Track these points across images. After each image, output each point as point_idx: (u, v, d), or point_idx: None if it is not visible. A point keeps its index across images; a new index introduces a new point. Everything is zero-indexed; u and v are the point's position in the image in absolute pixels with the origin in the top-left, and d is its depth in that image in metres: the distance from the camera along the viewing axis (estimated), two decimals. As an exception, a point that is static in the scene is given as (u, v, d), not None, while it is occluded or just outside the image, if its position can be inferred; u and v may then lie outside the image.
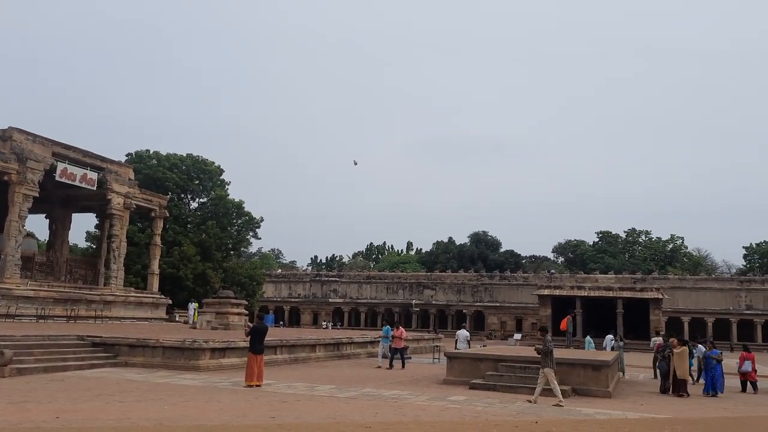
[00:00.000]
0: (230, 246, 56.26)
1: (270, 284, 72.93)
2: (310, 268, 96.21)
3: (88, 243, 53.67)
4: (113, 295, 34.34)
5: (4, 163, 28.74)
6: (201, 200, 58.24)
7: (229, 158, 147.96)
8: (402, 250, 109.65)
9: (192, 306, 38.61)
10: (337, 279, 75.21)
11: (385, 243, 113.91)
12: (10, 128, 29.76)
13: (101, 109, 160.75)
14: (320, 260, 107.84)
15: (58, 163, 30.92)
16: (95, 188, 33.40)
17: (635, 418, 12.22)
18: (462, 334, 26.56)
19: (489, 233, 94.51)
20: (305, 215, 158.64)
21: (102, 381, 14.63)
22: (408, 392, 14.63)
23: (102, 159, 34.55)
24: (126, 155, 54.40)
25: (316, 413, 11.03)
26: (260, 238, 64.84)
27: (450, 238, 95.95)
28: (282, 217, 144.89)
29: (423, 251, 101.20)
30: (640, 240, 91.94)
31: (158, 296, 38.17)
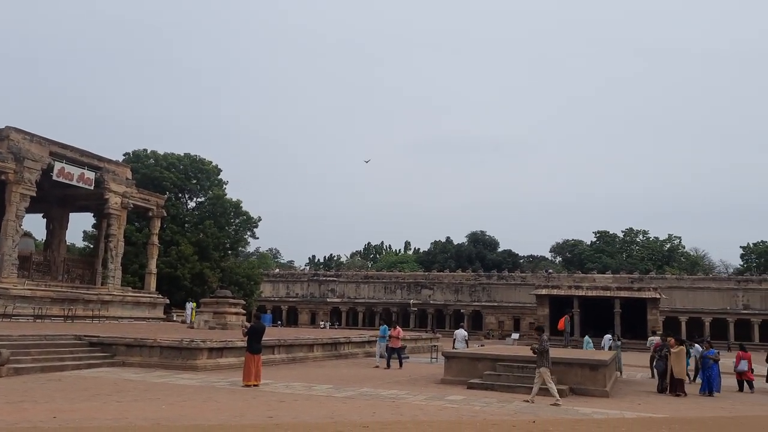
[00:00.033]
0: (228, 245, 56.22)
1: (268, 284, 72.91)
2: (308, 268, 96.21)
3: (86, 242, 53.68)
4: (111, 295, 34.30)
5: (2, 163, 28.70)
6: (198, 200, 58.22)
7: (229, 158, 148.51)
8: (400, 250, 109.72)
9: (189, 306, 38.58)
10: (335, 279, 75.20)
11: (383, 243, 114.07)
12: (7, 127, 29.70)
13: (101, 109, 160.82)
14: (318, 260, 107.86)
15: (56, 163, 30.89)
16: (92, 188, 33.39)
17: (633, 418, 12.24)
18: (460, 334, 26.58)
19: (487, 233, 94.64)
20: (303, 215, 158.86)
21: (99, 381, 14.61)
22: (406, 392, 14.63)
23: (99, 158, 34.50)
24: (123, 155, 54.40)
25: (314, 413, 11.03)
26: (258, 238, 64.84)
27: (448, 238, 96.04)
28: (280, 217, 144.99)
29: (421, 251, 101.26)
30: (638, 240, 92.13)
31: (156, 296, 38.13)
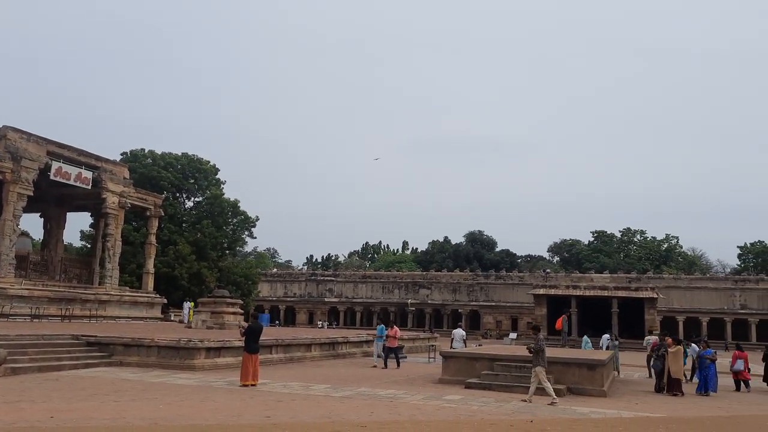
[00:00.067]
0: (225, 245, 56.19)
1: (265, 283, 72.93)
2: (306, 268, 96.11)
3: (83, 242, 53.62)
4: (108, 295, 34.26)
5: (-1, 162, 28.66)
6: (196, 199, 58.15)
7: (229, 158, 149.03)
8: (398, 250, 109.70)
9: (187, 305, 38.54)
10: (333, 278, 75.20)
11: (381, 242, 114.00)
12: (5, 127, 29.61)
13: (101, 109, 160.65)
14: (316, 259, 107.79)
15: (53, 162, 30.83)
16: (90, 187, 33.34)
17: (630, 417, 12.25)
18: (458, 333, 26.54)
19: (485, 233, 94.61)
20: (301, 215, 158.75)
21: (97, 380, 14.59)
22: (403, 391, 14.63)
23: (97, 158, 34.44)
24: (121, 154, 54.27)
25: (312, 412, 11.03)
26: (255, 238, 64.91)
27: (446, 238, 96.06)
28: (278, 217, 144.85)
29: (419, 250, 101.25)
30: (635, 239, 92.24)
31: (153, 295, 38.08)
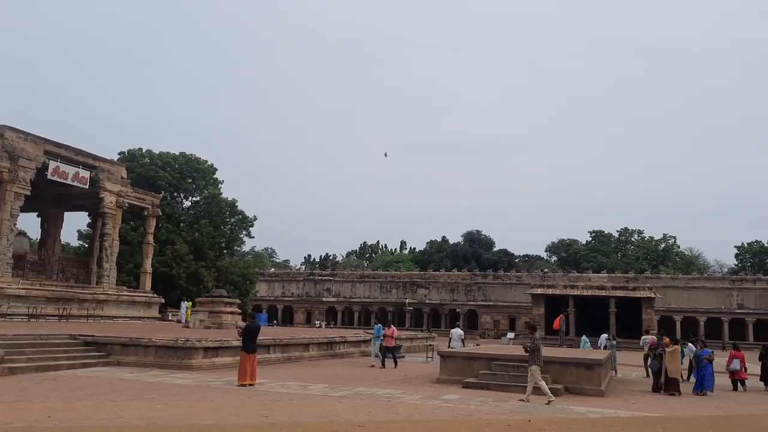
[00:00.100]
0: (223, 245, 56.15)
1: (263, 283, 72.88)
2: (304, 267, 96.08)
3: (80, 242, 53.49)
4: (105, 294, 34.21)
5: (-4, 162, 28.60)
6: (194, 199, 58.09)
7: (228, 158, 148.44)
8: (396, 249, 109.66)
9: (184, 305, 38.49)
10: (331, 278, 75.20)
11: (379, 242, 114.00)
12: (2, 126, 29.51)
13: (101, 110, 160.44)
14: (314, 259, 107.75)
15: (50, 162, 30.77)
16: (87, 187, 33.28)
17: (627, 417, 12.27)
18: (456, 333, 26.53)
19: (482, 232, 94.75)
20: (299, 215, 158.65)
21: (94, 380, 14.58)
22: (401, 391, 14.63)
23: (94, 157, 34.38)
24: (118, 154, 54.22)
25: (310, 412, 11.03)
26: (253, 237, 64.95)
27: (444, 237, 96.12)
28: (277, 217, 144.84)
29: (416, 250, 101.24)
30: (633, 239, 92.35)
31: (151, 295, 38.05)
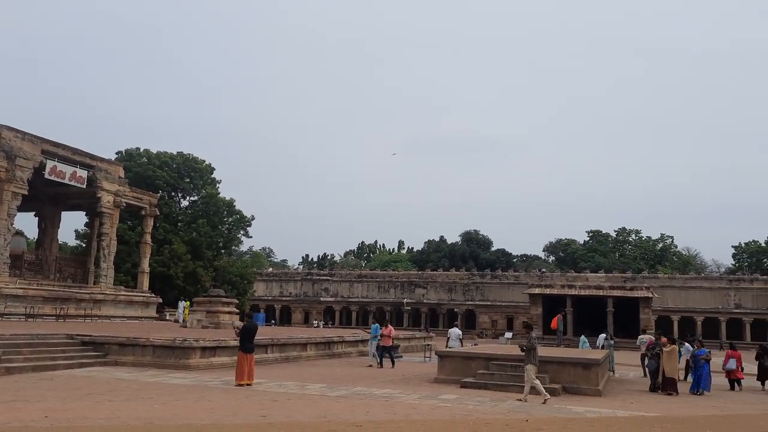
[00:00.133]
0: (221, 244, 56.10)
1: (261, 283, 72.81)
2: (302, 267, 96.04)
3: (78, 241, 53.38)
4: (103, 294, 34.16)
5: (-7, 161, 28.54)
6: (191, 198, 58.05)
7: (228, 158, 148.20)
8: (393, 249, 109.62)
9: (182, 304, 38.46)
10: (329, 278, 75.17)
11: (377, 242, 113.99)
12: (-1, 126, 29.54)
13: (101, 110, 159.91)
14: (311, 259, 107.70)
15: (48, 161, 30.72)
16: (85, 186, 33.23)
17: (625, 417, 12.28)
18: (454, 332, 26.55)
19: (480, 232, 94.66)
20: (297, 214, 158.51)
21: (91, 380, 14.55)
22: (399, 391, 14.63)
23: (92, 157, 34.33)
24: (116, 153, 54.15)
25: (307, 412, 11.02)
26: (251, 237, 64.76)
27: (441, 237, 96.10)
28: (276, 217, 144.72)
29: (414, 250, 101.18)
30: (630, 239, 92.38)
31: (148, 295, 38.00)
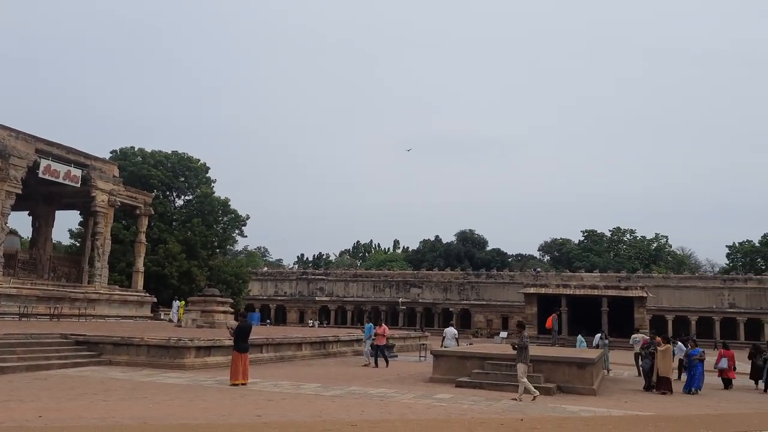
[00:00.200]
0: (216, 244, 55.97)
1: (256, 282, 72.75)
2: (297, 267, 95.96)
3: (72, 240, 53.21)
4: (97, 293, 34.05)
5: (-13, 160, 28.41)
6: (186, 198, 57.86)
7: (227, 157, 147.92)
8: (389, 249, 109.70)
9: (176, 304, 38.38)
10: (324, 277, 75.13)
11: (372, 241, 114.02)
12: (-8, 125, 29.41)
13: (101, 110, 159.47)
14: (307, 258, 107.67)
15: (42, 160, 30.59)
16: (79, 185, 33.11)
17: (619, 416, 12.31)
18: (450, 332, 26.55)
19: (476, 232, 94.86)
20: (292, 214, 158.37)
21: (86, 380, 14.51)
22: (394, 390, 14.64)
23: (86, 156, 34.22)
24: (110, 152, 53.92)
25: (302, 411, 11.01)
26: (246, 236, 64.69)
27: (437, 237, 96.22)
28: (272, 216, 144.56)
29: (410, 249, 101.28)
30: (625, 239, 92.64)
31: (143, 294, 37.90)
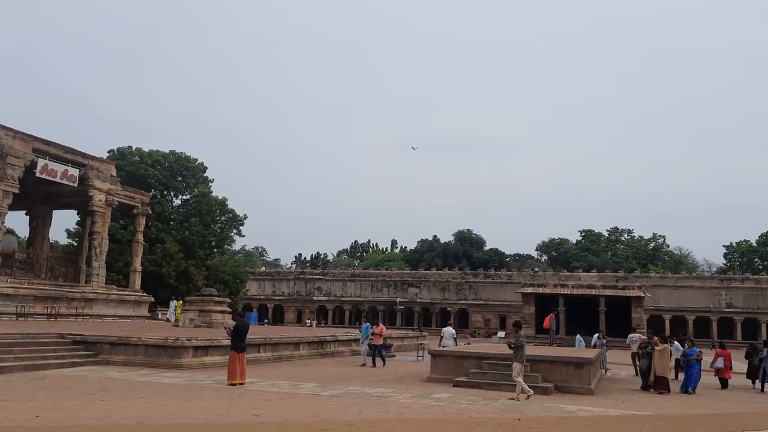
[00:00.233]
0: (213, 243, 55.93)
1: (254, 282, 72.68)
2: (294, 266, 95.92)
3: (69, 240, 53.15)
4: (95, 293, 33.98)
5: (-17, 159, 28.33)
6: (184, 197, 57.81)
7: (227, 157, 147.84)
8: (387, 249, 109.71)
9: (174, 304, 38.30)
10: (322, 277, 75.12)
11: (370, 241, 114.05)
12: (-11, 124, 29.32)
13: (101, 110, 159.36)
14: (304, 258, 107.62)
15: (39, 160, 30.51)
16: (76, 185, 33.02)
17: (616, 415, 12.32)
18: (448, 331, 26.55)
19: (473, 231, 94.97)
20: (290, 214, 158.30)
21: (83, 379, 14.48)
22: (392, 390, 14.64)
23: (83, 155, 34.15)
24: (108, 152, 53.86)
25: (300, 411, 11.00)
26: (244, 236, 64.63)
27: (435, 237, 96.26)
28: (270, 216, 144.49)
29: (408, 249, 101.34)
30: (623, 239, 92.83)
31: (140, 294, 37.84)
